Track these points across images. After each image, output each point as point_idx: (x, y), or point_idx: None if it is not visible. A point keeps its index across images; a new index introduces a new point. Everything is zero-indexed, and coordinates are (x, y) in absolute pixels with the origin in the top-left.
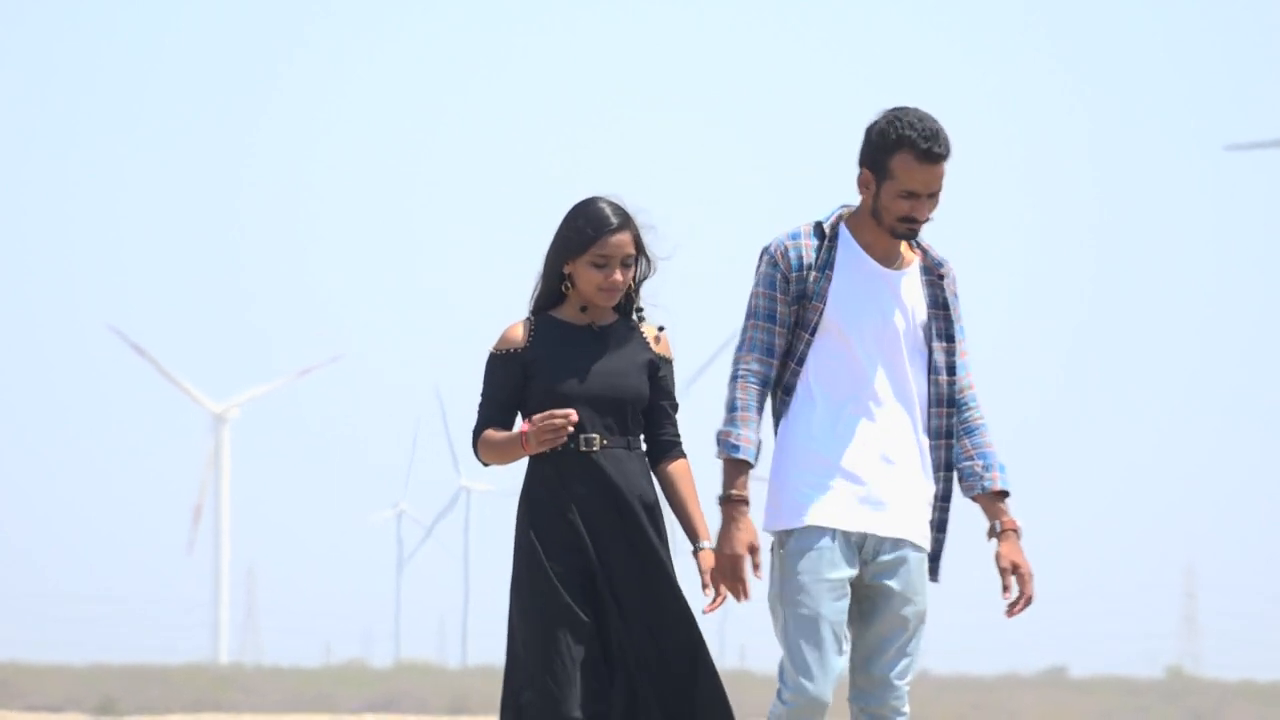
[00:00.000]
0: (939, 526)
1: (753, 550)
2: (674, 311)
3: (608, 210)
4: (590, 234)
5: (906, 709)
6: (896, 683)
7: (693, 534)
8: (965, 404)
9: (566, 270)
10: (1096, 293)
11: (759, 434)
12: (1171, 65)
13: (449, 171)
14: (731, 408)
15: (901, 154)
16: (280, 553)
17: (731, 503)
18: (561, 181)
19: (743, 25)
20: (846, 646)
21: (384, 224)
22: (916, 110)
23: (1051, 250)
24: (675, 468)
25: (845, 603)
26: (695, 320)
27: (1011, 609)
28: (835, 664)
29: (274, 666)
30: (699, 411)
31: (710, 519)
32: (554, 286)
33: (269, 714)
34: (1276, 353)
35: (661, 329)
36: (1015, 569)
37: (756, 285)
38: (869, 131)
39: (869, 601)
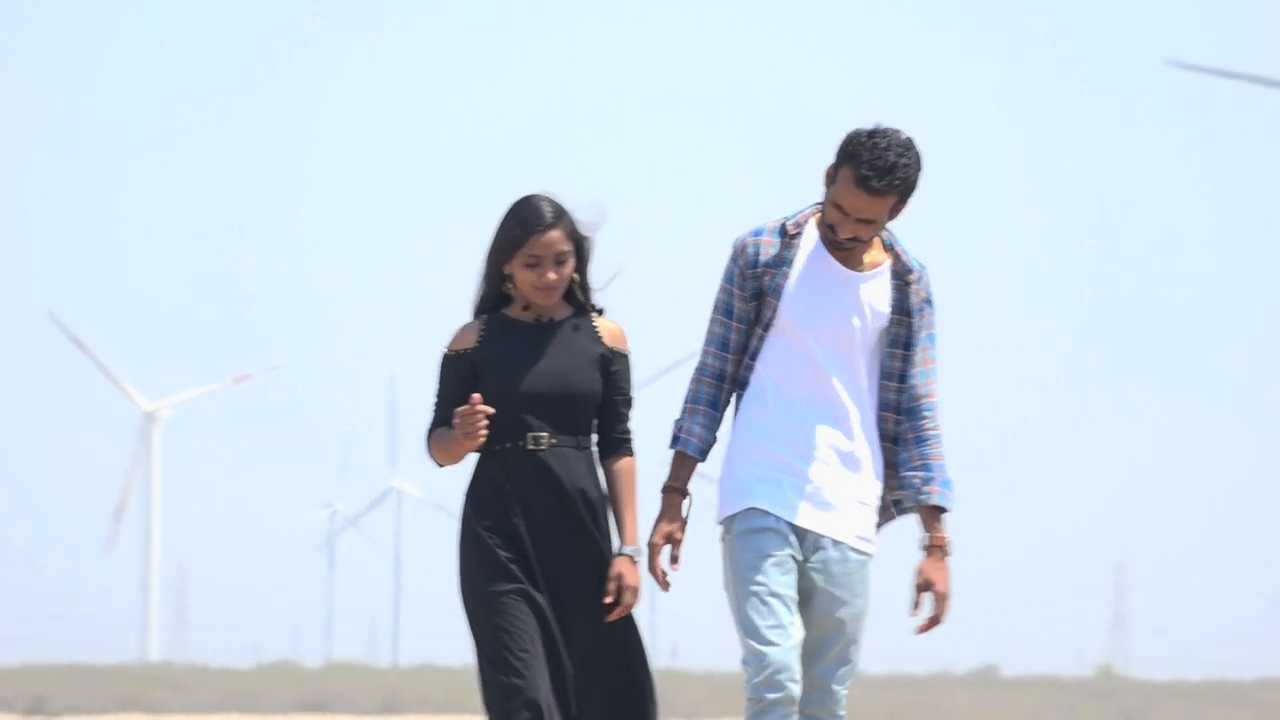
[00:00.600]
0: (911, 484)
1: (671, 541)
2: (657, 306)
3: (538, 208)
4: (519, 234)
5: (843, 712)
6: (835, 688)
7: (621, 535)
8: (919, 411)
9: (506, 270)
10: (1026, 298)
11: (711, 432)
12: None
13: (419, 172)
14: (685, 399)
15: (846, 168)
16: (211, 552)
17: (665, 492)
18: (538, 181)
19: (741, 26)
20: (799, 620)
21: (336, 226)
22: (894, 137)
23: (978, 254)
24: (619, 466)
25: (793, 577)
26: (679, 320)
27: (919, 628)
28: (792, 631)
29: (204, 666)
30: (657, 409)
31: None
32: (496, 287)
33: (199, 714)
34: (1205, 358)
35: (600, 311)
36: (929, 587)
37: (721, 279)
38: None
39: (805, 602)
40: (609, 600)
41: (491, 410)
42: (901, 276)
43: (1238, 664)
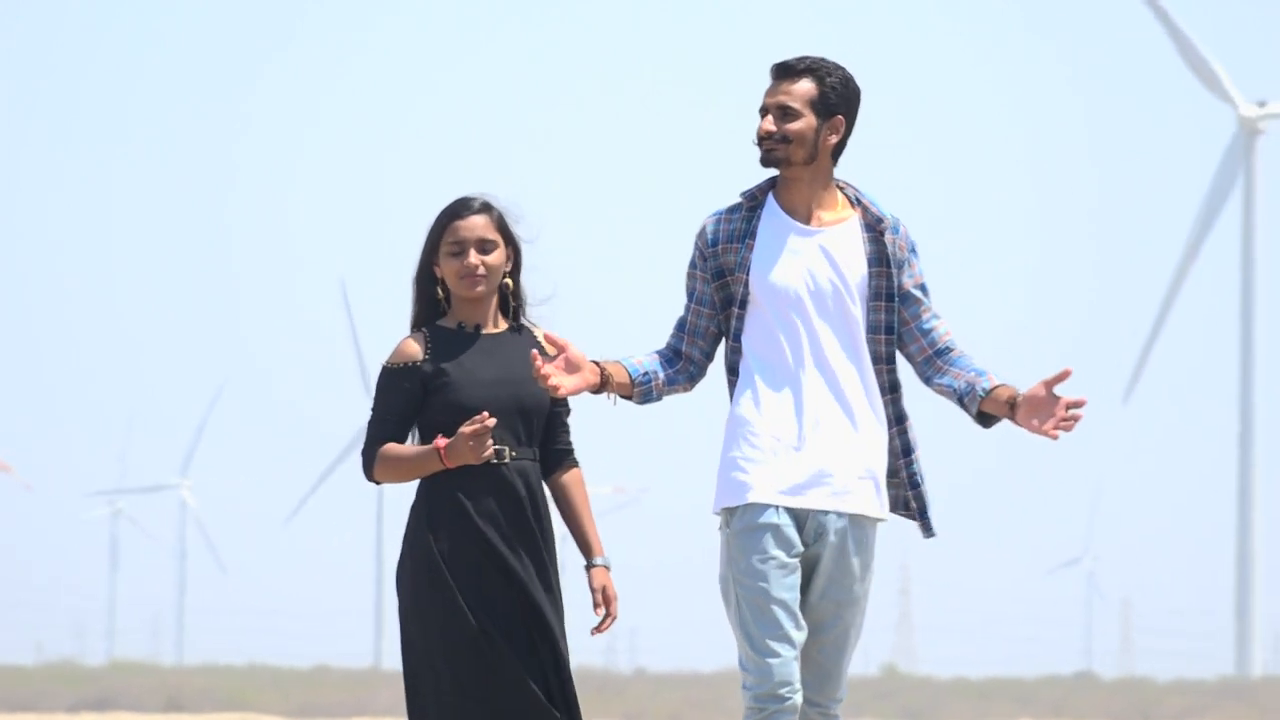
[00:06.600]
0: (912, 483)
1: (550, 342)
2: (583, 311)
3: (461, 199)
4: (441, 223)
5: (843, 694)
6: (833, 670)
7: (586, 549)
8: (950, 346)
9: (437, 273)
10: None
11: (657, 367)
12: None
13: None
14: None
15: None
16: None
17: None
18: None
19: (740, 22)
20: (803, 623)
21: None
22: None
23: None
24: (569, 478)
25: (795, 578)
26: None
27: (1073, 411)
28: (794, 640)
29: None
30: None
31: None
32: (428, 293)
33: None
34: (1006, 349)
35: (532, 325)
36: (1055, 396)
37: (687, 265)
38: None
39: (807, 579)
40: (599, 612)
41: (490, 420)
42: (874, 228)
43: (1020, 661)
